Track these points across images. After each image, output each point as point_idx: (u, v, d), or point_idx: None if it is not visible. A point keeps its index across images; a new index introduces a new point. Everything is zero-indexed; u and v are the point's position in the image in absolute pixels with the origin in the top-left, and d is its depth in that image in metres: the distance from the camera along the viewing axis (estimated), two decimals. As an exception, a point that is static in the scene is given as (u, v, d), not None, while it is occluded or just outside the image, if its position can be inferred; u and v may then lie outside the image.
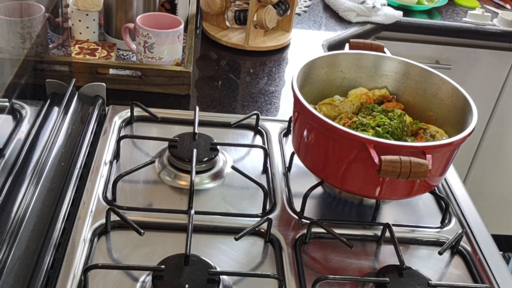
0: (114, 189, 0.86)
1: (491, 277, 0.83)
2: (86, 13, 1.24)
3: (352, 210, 0.93)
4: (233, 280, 0.76)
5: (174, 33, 1.16)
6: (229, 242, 0.82)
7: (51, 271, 0.73)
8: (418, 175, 0.75)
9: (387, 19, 1.72)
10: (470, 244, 0.88)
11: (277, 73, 1.35)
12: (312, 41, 1.55)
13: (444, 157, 0.83)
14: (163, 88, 1.17)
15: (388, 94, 1.01)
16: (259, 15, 1.37)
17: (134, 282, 0.74)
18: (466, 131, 0.82)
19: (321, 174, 0.88)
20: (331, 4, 1.76)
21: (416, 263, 0.84)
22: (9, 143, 0.80)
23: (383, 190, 0.83)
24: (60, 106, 0.97)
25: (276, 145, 1.04)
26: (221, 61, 1.38)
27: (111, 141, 0.98)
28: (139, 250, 0.79)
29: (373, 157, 0.75)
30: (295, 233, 0.85)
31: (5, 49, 0.84)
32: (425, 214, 0.94)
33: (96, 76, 1.14)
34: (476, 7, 1.95)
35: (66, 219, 0.81)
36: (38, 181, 0.82)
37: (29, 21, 0.91)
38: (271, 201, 0.90)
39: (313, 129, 0.85)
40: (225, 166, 0.97)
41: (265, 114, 1.16)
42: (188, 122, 1.05)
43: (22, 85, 0.88)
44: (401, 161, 0.74)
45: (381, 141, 0.78)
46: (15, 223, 0.74)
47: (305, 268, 0.80)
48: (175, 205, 0.87)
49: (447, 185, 1.01)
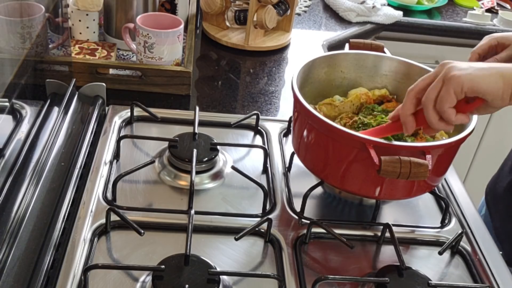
0: (114, 189, 0.86)
1: (491, 277, 0.83)
2: (86, 13, 1.23)
3: (352, 210, 0.93)
4: (233, 280, 0.76)
5: (174, 33, 1.16)
6: (229, 242, 0.82)
7: (51, 271, 0.73)
8: (418, 175, 0.74)
9: (387, 19, 1.72)
10: (470, 244, 0.88)
11: (277, 73, 1.35)
12: (312, 41, 1.55)
13: (443, 157, 0.83)
14: (163, 88, 1.17)
15: (388, 94, 1.01)
16: (259, 15, 1.37)
17: (134, 282, 0.74)
18: (465, 132, 0.82)
19: (321, 174, 0.88)
20: (331, 4, 1.76)
21: (416, 263, 0.84)
22: (9, 143, 0.80)
23: (383, 190, 0.83)
24: (60, 106, 0.97)
25: (276, 145, 1.04)
26: (221, 61, 1.38)
27: (111, 141, 0.98)
28: (139, 250, 0.79)
29: (373, 157, 0.75)
30: (295, 233, 0.85)
31: (5, 49, 0.84)
32: (425, 214, 0.94)
33: (96, 76, 1.14)
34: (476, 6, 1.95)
35: (66, 219, 0.81)
36: (38, 181, 0.82)
37: (29, 21, 0.91)
38: (271, 201, 0.90)
39: (313, 129, 0.85)
40: (225, 166, 0.97)
41: (265, 114, 1.16)
42: (188, 122, 1.05)
43: (22, 85, 0.88)
44: (401, 161, 0.74)
45: (380, 141, 0.78)
46: (15, 223, 0.74)
47: (305, 268, 0.80)
48: (175, 205, 0.87)
49: (447, 185, 1.01)
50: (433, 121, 0.75)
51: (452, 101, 0.72)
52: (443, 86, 0.73)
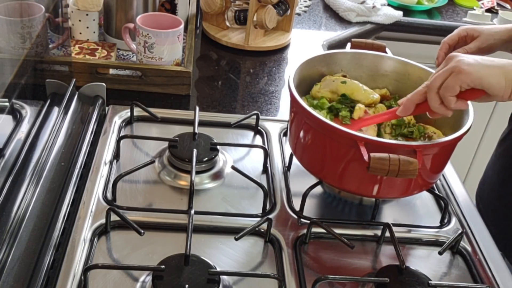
0: (114, 189, 0.86)
1: (491, 277, 0.83)
2: (86, 13, 1.24)
3: (352, 210, 0.93)
4: (233, 280, 0.76)
5: (174, 33, 1.16)
6: (229, 242, 0.82)
7: (51, 271, 0.73)
8: (407, 173, 0.75)
9: (387, 19, 1.72)
10: (470, 244, 0.88)
11: (277, 73, 1.35)
12: (312, 41, 1.55)
13: (437, 156, 0.83)
14: (163, 88, 1.17)
15: (388, 94, 1.01)
16: (259, 15, 1.37)
17: (134, 282, 0.74)
18: (459, 132, 0.82)
19: (319, 174, 0.88)
20: (331, 4, 1.76)
21: (416, 263, 0.84)
22: (9, 143, 0.80)
23: (381, 188, 0.83)
24: (60, 106, 0.97)
25: (276, 145, 1.04)
26: (221, 61, 1.38)
27: (111, 141, 0.98)
28: (139, 250, 0.79)
29: (362, 154, 0.76)
30: (295, 233, 0.85)
31: (5, 49, 0.84)
32: (425, 214, 0.94)
33: (96, 76, 1.14)
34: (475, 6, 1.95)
35: (66, 219, 0.81)
36: (38, 181, 0.82)
37: (29, 21, 0.91)
38: (271, 201, 0.90)
39: (310, 129, 0.85)
40: (225, 166, 0.97)
41: (265, 114, 1.16)
42: (188, 122, 1.05)
43: (22, 85, 0.88)
44: (389, 158, 0.74)
45: (372, 139, 0.79)
46: (15, 223, 0.74)
47: (305, 268, 0.80)
48: (175, 205, 0.87)
49: (447, 184, 1.00)
50: (434, 104, 0.80)
51: (456, 91, 0.78)
52: (450, 77, 0.78)
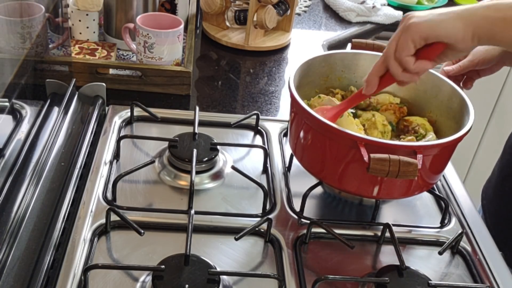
0: (114, 189, 0.86)
1: (491, 277, 0.83)
2: (86, 13, 1.23)
3: (352, 210, 0.93)
4: (233, 280, 0.76)
5: (174, 33, 1.16)
6: (229, 242, 0.82)
7: (51, 271, 0.73)
8: (407, 174, 0.74)
9: (387, 19, 1.72)
10: (470, 244, 0.88)
11: (277, 73, 1.35)
12: (312, 41, 1.55)
13: (437, 157, 0.83)
14: (163, 88, 1.17)
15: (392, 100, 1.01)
16: (259, 15, 1.37)
17: (134, 282, 0.74)
18: (459, 133, 0.82)
19: (319, 174, 0.88)
20: (331, 4, 1.76)
21: (416, 263, 0.84)
22: (9, 143, 0.80)
23: (381, 189, 0.83)
24: (60, 106, 0.97)
25: (276, 145, 1.04)
26: (221, 61, 1.38)
27: (111, 141, 0.98)
28: (139, 250, 0.79)
29: (362, 155, 0.76)
30: (295, 233, 0.85)
31: (5, 49, 0.84)
32: (425, 214, 0.94)
33: (96, 76, 1.14)
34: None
35: (66, 219, 0.81)
36: (38, 181, 0.82)
37: (29, 21, 0.91)
38: (271, 201, 0.90)
39: (310, 129, 0.85)
40: (225, 166, 0.97)
41: (265, 114, 1.16)
42: (188, 122, 1.05)
43: (22, 85, 0.88)
44: (390, 159, 0.74)
45: (372, 140, 0.79)
46: (15, 223, 0.74)
47: (305, 268, 0.80)
48: (175, 205, 0.87)
49: (447, 185, 1.00)
50: (396, 72, 0.76)
51: (409, 49, 0.74)
52: (401, 36, 0.74)
